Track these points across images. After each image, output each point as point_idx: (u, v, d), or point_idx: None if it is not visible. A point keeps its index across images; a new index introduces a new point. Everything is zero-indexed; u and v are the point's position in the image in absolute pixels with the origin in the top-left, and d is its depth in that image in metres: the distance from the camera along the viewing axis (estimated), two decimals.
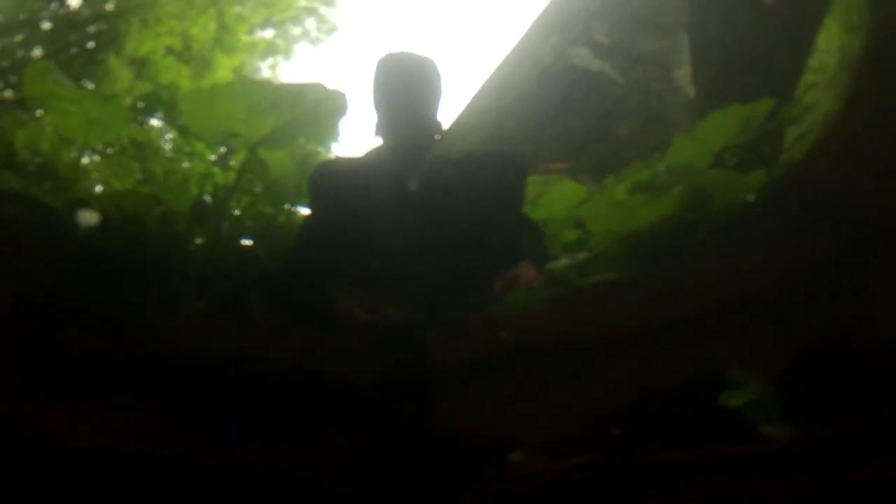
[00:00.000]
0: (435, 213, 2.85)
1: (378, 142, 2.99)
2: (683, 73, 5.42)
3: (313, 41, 8.52)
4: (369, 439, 1.75)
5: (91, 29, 6.07)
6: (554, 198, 3.37)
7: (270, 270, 2.85)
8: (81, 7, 6.07)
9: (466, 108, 6.33)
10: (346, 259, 2.79)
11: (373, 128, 2.94)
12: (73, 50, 6.10)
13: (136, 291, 2.36)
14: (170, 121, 6.14)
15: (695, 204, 2.48)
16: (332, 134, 2.92)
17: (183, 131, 5.26)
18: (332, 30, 8.05)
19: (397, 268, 2.76)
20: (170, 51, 6.23)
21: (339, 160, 3.21)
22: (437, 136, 2.97)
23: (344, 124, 3.02)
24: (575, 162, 5.09)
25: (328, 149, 4.24)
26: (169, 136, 5.73)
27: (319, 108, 2.77)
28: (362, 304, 2.64)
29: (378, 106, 2.92)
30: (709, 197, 2.49)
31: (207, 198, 2.84)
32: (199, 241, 2.80)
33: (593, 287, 2.32)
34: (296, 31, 8.28)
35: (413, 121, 2.89)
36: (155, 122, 6.36)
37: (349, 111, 2.90)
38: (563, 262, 2.63)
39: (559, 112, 5.85)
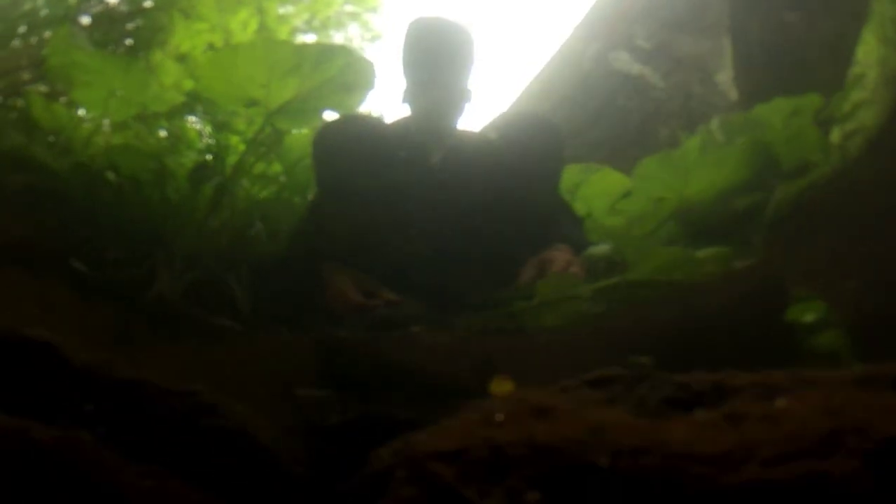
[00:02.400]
0: (458, 190, 2.66)
1: (406, 110, 2.83)
2: (725, 76, 5.34)
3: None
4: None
5: (130, 26, 6.06)
6: (593, 189, 3.15)
7: (269, 252, 2.69)
8: (120, 3, 6.06)
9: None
10: (352, 237, 2.59)
11: (400, 94, 2.79)
12: (111, 47, 6.09)
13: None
14: (208, 118, 6.07)
15: (761, 162, 2.26)
16: (358, 106, 2.78)
17: (218, 127, 5.17)
18: (375, 38, 7.99)
19: (411, 250, 2.57)
20: (210, 47, 6.19)
21: (352, 118, 2.83)
22: (466, 104, 2.80)
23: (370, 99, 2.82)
24: (616, 166, 5.00)
25: None
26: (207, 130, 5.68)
27: (346, 76, 2.63)
28: (358, 287, 2.45)
29: (406, 70, 2.77)
30: (776, 156, 2.28)
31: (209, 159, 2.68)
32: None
33: None
34: (338, 38, 8.22)
35: (442, 85, 2.74)
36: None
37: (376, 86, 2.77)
38: (604, 247, 2.36)
39: (600, 116, 5.76)
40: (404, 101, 2.79)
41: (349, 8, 8.48)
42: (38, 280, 1.60)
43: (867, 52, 3.03)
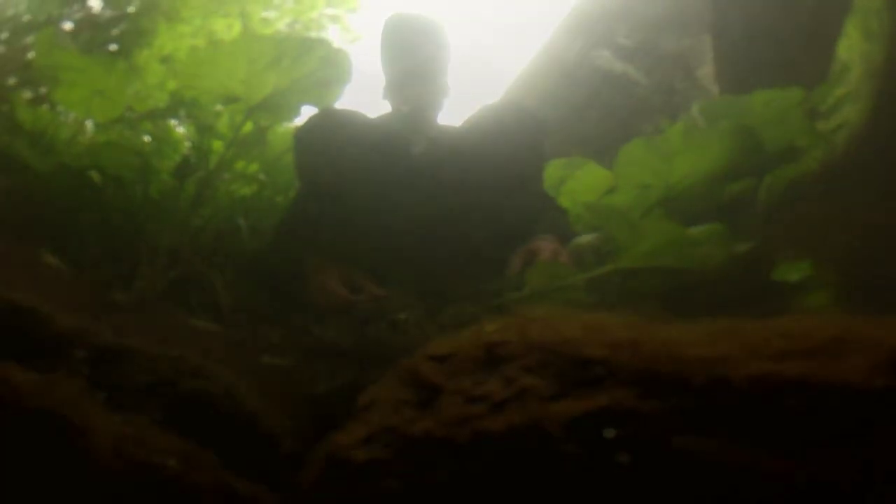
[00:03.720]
0: (440, 181, 2.64)
1: (386, 107, 2.83)
2: (707, 72, 5.36)
3: None
4: None
5: (114, 31, 6.04)
6: (579, 184, 3.14)
7: (252, 249, 2.66)
8: (103, 9, 6.05)
9: None
10: (335, 230, 2.55)
11: (381, 91, 2.80)
12: (96, 52, 6.08)
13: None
14: (191, 121, 6.05)
15: (746, 146, 2.24)
16: (337, 100, 2.77)
17: (201, 130, 5.14)
18: (355, 40, 7.98)
19: (395, 241, 2.55)
20: (194, 50, 6.18)
21: (333, 112, 2.79)
22: (445, 98, 2.80)
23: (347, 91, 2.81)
24: (601, 162, 5.03)
25: None
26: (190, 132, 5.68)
27: (324, 69, 2.62)
28: (342, 280, 2.40)
29: (387, 65, 2.79)
30: (760, 140, 2.27)
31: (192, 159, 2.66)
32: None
33: None
34: None
35: (424, 79, 2.75)
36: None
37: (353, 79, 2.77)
38: (591, 236, 2.33)
39: (584, 114, 5.78)
40: (385, 96, 2.80)
41: (330, 11, 8.49)
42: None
43: (850, 47, 3.03)
